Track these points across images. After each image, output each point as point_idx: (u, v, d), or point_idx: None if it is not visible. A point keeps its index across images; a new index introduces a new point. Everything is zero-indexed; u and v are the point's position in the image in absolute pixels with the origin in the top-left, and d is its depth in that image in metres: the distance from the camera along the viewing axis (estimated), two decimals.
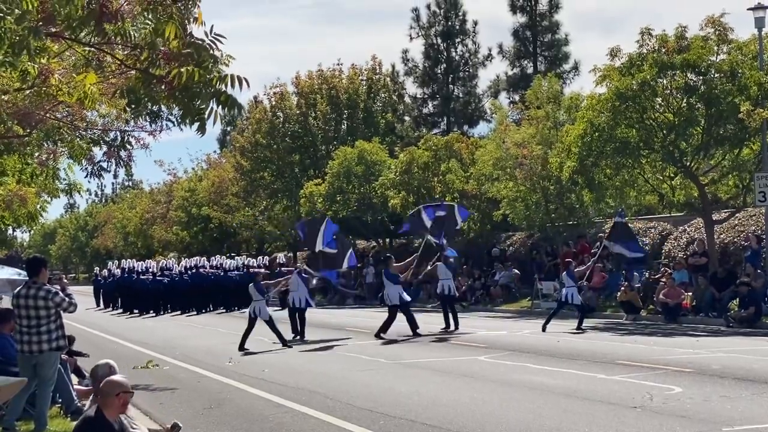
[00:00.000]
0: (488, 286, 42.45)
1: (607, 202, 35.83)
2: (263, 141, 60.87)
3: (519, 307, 38.86)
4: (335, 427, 13.31)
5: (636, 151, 31.38)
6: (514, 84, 62.25)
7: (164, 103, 9.99)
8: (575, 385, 16.17)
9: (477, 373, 18.52)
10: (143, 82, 8.98)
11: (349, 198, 50.83)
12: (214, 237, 73.83)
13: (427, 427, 12.92)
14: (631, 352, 21.02)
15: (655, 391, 15.00)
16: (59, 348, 13.64)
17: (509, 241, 46.68)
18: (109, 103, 12.88)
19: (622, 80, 30.66)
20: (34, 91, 11.14)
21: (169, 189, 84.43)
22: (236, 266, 51.09)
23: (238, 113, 8.91)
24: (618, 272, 35.48)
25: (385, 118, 62.57)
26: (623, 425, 12.48)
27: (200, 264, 51.08)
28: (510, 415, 13.59)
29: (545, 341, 24.61)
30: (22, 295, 13.45)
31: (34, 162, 21.09)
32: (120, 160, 17.56)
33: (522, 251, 44.60)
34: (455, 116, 65.64)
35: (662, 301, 30.27)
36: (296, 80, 62.44)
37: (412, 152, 47.94)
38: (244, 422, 14.08)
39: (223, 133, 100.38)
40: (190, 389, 17.83)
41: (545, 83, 41.30)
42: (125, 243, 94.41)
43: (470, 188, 44.88)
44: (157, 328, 36.13)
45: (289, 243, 65.63)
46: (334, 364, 21.30)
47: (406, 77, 66.52)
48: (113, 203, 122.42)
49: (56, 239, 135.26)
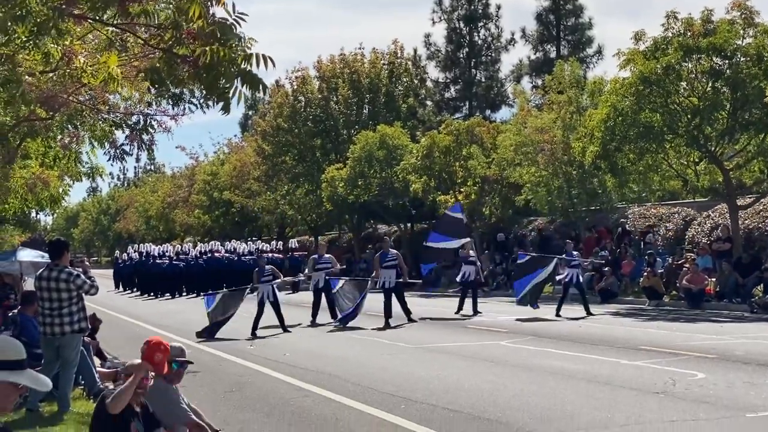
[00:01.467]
0: (510, 271, 42.36)
1: (631, 187, 35.74)
2: (285, 125, 60.85)
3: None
4: (356, 411, 13.32)
5: (660, 136, 31.25)
6: (537, 68, 62.22)
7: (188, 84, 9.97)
8: (597, 370, 16.13)
9: (499, 358, 18.50)
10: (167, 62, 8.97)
11: (371, 182, 50.77)
12: (236, 221, 73.96)
13: (448, 411, 12.92)
14: (654, 338, 20.96)
15: (677, 377, 14.95)
16: (81, 330, 13.70)
17: (531, 226, 46.60)
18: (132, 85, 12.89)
19: (646, 64, 30.50)
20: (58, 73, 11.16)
21: (191, 173, 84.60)
22: (249, 251, 51.92)
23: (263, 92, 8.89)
24: (641, 258, 35.38)
25: (406, 102, 62.48)
26: (646, 410, 12.44)
27: (215, 248, 52.52)
28: (531, 399, 13.57)
29: (567, 326, 24.59)
30: (44, 278, 13.50)
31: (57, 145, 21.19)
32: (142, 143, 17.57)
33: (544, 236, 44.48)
34: (477, 101, 65.60)
35: (685, 286, 30.16)
36: (318, 64, 62.38)
37: (433, 137, 47.84)
38: (265, 406, 14.10)
39: (244, 117, 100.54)
40: (212, 372, 17.88)
41: (568, 67, 41.15)
42: (147, 227, 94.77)
43: (492, 173, 44.81)
44: (177, 312, 36.25)
45: (310, 227, 65.70)
46: (355, 349, 21.32)
47: (428, 61, 66.55)
48: (135, 187, 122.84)
49: (79, 223, 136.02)
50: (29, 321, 15.15)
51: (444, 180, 47.43)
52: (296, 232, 72.96)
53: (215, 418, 12.37)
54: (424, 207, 51.42)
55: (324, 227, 67.39)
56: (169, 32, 8.74)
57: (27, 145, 21.49)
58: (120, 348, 20.89)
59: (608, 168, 32.84)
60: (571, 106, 38.99)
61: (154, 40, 9.34)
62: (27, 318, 15.35)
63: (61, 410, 13.14)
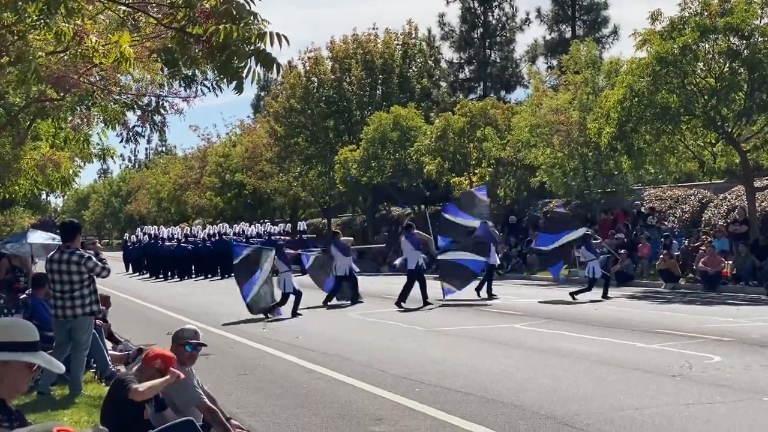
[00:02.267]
0: (524, 254, 42.37)
1: (647, 169, 35.66)
2: (297, 106, 60.88)
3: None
4: (369, 393, 13.35)
5: (676, 117, 31.14)
6: (552, 49, 62.09)
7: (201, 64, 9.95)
8: (612, 353, 16.14)
9: (513, 341, 18.52)
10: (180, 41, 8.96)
11: (384, 164, 50.79)
12: (248, 203, 74.06)
13: (462, 394, 12.95)
14: (670, 321, 20.95)
15: (694, 360, 14.95)
16: (92, 312, 13.73)
17: (546, 208, 46.56)
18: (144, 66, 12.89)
19: (663, 44, 30.38)
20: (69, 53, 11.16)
21: (203, 154, 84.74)
22: (258, 233, 52.19)
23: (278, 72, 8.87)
24: (657, 240, 35.32)
25: (420, 83, 62.43)
26: (661, 393, 12.45)
27: (223, 231, 52.87)
28: (545, 382, 13.59)
29: (582, 309, 24.58)
30: (55, 260, 13.53)
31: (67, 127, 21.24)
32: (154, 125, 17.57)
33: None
34: (492, 81, 65.50)
35: (702, 269, 30.11)
36: (331, 45, 62.36)
37: (447, 118, 47.79)
38: (277, 388, 14.15)
39: (256, 98, 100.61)
40: (223, 355, 17.95)
41: (583, 48, 41.03)
42: (159, 209, 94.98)
43: (506, 155, 44.77)
44: (187, 294, 36.35)
45: (323, 209, 65.76)
46: (368, 332, 21.37)
47: (443, 42, 66.47)
48: (146, 168, 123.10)
49: (90, 205, 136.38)
50: (40, 304, 15.22)
51: (458, 162, 47.43)
52: (309, 214, 73.05)
53: (228, 401, 12.44)
54: (438, 189, 51.46)
55: (337, 209, 67.44)
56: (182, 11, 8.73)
57: (37, 126, 21.55)
58: (130, 331, 21.00)
59: (624, 149, 32.75)
60: (587, 86, 38.92)
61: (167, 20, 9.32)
62: (38, 300, 15.42)
63: (72, 393, 13.20)
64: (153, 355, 9.14)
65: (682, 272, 31.75)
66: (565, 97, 39.70)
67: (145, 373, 9.00)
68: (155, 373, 8.95)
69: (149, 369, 9.01)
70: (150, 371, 8.98)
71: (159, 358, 9.06)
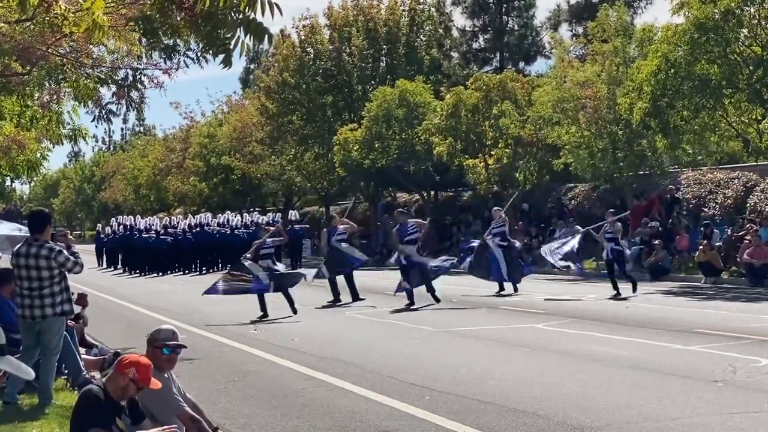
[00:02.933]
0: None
1: (684, 149, 35.65)
2: (291, 80, 60.81)
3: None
4: (375, 402, 13.36)
5: (718, 90, 31.12)
6: (577, 14, 61.97)
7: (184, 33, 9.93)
8: (646, 357, 16.14)
9: (534, 343, 18.53)
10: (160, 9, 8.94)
11: (389, 145, 50.72)
12: (237, 189, 74.00)
13: (478, 402, 12.95)
14: (711, 320, 20.96)
15: (738, 363, 14.95)
16: (64, 313, 13.69)
17: (571, 193, 46.51)
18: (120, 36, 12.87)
19: (702, 8, 30.34)
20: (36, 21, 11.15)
21: (186, 135, 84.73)
22: (244, 223, 52.52)
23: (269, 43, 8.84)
24: (695, 230, 35.31)
25: (429, 54, 62.32)
26: (702, 401, 12.45)
27: (205, 221, 53.02)
28: (572, 389, 13.59)
29: (612, 307, 24.59)
30: (22, 254, 13.47)
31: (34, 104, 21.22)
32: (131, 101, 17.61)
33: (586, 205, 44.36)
34: (509, 52, 65.38)
35: (747, 261, 30.11)
36: (328, 11, 62.24)
37: (459, 93, 47.71)
38: (271, 397, 14.16)
39: (245, 71, 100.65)
40: (211, 360, 17.97)
41: (613, 13, 40.95)
42: (137, 196, 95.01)
43: (526, 134, 44.75)
44: (170, 292, 36.42)
45: (321, 196, 65.75)
46: (372, 333, 21.40)
47: (454, 7, 66.35)
48: (123, 151, 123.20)
49: (59, 192, 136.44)
50: (5, 303, 15.18)
51: (472, 142, 47.38)
52: (305, 201, 73.02)
53: (215, 411, 12.46)
54: (449, 172, 51.40)
55: (336, 196, 67.42)
56: None
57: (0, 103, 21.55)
58: (105, 333, 21.01)
59: (659, 127, 32.74)
60: (617, 57, 38.83)
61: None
62: (2, 300, 15.40)
63: (42, 402, 13.19)
64: (126, 362, 8.99)
65: (724, 265, 31.74)
66: (592, 69, 39.64)
67: (118, 382, 8.91)
68: (129, 384, 8.89)
69: (122, 378, 8.90)
70: (122, 380, 8.89)
71: (133, 367, 8.94)
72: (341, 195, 67.74)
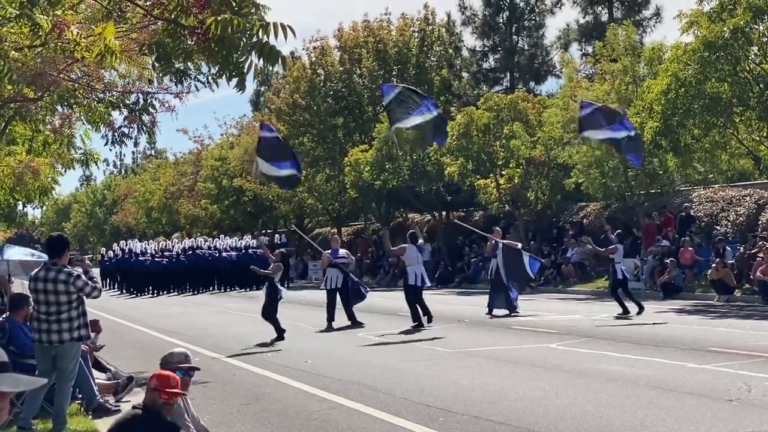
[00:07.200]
0: (559, 264, 42.34)
1: (695, 167, 35.61)
2: (302, 102, 60.96)
3: (595, 288, 38.74)
4: (389, 424, 13.33)
5: (728, 109, 31.11)
6: (587, 34, 61.97)
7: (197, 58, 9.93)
8: (661, 376, 16.09)
9: (549, 363, 18.48)
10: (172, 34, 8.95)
11: (400, 166, 50.74)
12: (248, 211, 74.03)
13: (493, 423, 12.92)
14: (725, 338, 20.89)
15: (754, 382, 14.90)
16: (81, 338, 13.67)
17: (582, 212, 46.48)
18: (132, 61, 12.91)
19: (711, 27, 30.34)
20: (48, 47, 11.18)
21: (197, 158, 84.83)
22: (232, 246, 57.02)
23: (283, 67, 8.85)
24: (707, 247, 35.26)
25: (439, 74, 62.42)
26: (717, 420, 12.40)
27: (197, 245, 57.46)
28: (587, 409, 13.55)
29: (625, 327, 24.53)
30: (40, 278, 13.45)
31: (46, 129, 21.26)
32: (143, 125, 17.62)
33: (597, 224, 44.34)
34: (520, 71, 65.41)
35: (760, 279, 30.05)
36: (339, 33, 62.43)
37: (470, 113, 47.74)
38: (285, 419, 14.14)
39: (256, 93, 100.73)
40: (225, 383, 17.94)
41: (622, 32, 40.97)
42: (148, 219, 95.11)
43: (538, 154, 44.75)
44: (182, 315, 36.42)
45: (332, 217, 65.77)
46: (385, 354, 21.35)
47: (464, 28, 66.41)
48: (134, 175, 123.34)
49: (71, 215, 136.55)
50: (19, 328, 15.18)
51: (483, 162, 47.35)
52: (317, 222, 73.02)
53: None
54: (460, 192, 51.39)
55: (347, 217, 67.43)
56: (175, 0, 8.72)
57: (13, 128, 21.58)
58: (119, 357, 21.01)
59: (670, 146, 32.72)
60: (626, 76, 38.84)
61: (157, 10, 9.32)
62: (16, 324, 15.38)
63: (56, 428, 13.17)
64: (150, 377, 9.25)
65: (737, 283, 31.66)
66: (602, 88, 39.64)
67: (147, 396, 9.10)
68: (154, 394, 8.98)
69: (149, 391, 9.12)
70: (150, 392, 9.07)
71: (154, 377, 9.09)
72: (353, 216, 67.74)
